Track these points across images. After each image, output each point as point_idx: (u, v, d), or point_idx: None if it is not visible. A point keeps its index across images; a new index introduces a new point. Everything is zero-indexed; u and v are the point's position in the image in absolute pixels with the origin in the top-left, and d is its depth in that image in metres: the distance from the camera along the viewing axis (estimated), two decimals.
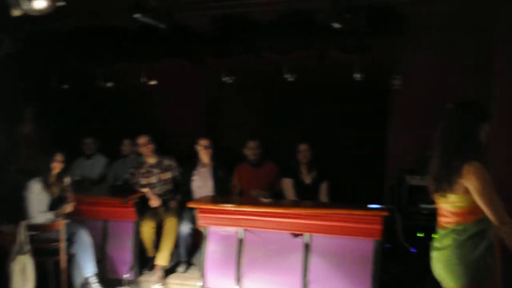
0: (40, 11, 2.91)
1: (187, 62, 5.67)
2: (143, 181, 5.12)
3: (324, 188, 4.95)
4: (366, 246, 4.02)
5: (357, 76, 4.92)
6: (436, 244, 2.63)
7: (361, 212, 3.98)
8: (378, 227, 3.92)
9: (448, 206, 2.55)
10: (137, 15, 3.63)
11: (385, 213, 3.89)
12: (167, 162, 5.23)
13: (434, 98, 4.83)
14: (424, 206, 4.71)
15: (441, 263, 2.56)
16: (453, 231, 2.51)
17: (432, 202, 4.39)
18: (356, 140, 5.39)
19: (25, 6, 2.82)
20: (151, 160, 5.18)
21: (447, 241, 2.52)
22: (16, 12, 2.91)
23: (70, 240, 4.45)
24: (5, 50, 4.44)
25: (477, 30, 4.50)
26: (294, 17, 4.78)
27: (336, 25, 3.61)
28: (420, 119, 5.07)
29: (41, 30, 4.79)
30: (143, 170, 5.17)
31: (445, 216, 2.59)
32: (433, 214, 2.81)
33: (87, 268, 4.50)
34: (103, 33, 5.40)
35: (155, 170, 5.17)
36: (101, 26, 5.22)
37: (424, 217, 4.71)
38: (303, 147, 4.94)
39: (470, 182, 2.39)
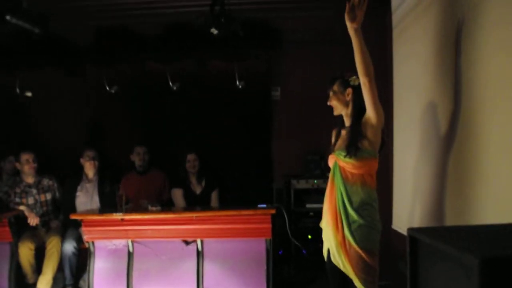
0: None
1: (66, 72, 5.46)
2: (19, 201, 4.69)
3: (214, 196, 4.96)
4: (258, 246, 4.09)
5: (239, 84, 5.10)
6: None
7: (250, 212, 4.06)
8: (268, 225, 4.02)
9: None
10: (8, 17, 3.41)
11: (273, 211, 4.00)
12: (46, 182, 4.87)
13: (311, 107, 5.15)
14: (310, 206, 4.96)
15: None
16: None
17: (317, 201, 4.66)
18: (243, 147, 5.54)
19: None
20: (29, 179, 4.78)
21: None
22: None
23: None
24: None
25: (343, 44, 4.94)
26: (175, 27, 4.93)
27: (214, 31, 3.74)
28: (300, 127, 5.38)
29: None
30: (18, 190, 4.74)
31: None
32: (320, 215, 2.96)
33: None
34: None
35: (33, 191, 4.78)
36: None
37: (312, 219, 4.95)
38: (191, 156, 4.91)
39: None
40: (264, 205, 4.11)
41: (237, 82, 5.05)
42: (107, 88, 5.13)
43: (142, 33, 5.13)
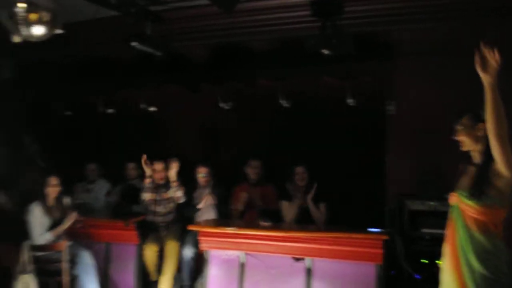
0: (38, 37, 2.99)
1: (185, 89, 5.82)
2: (147, 196, 5.14)
3: (321, 209, 4.91)
4: (368, 270, 3.99)
5: (350, 101, 4.98)
6: None
7: (361, 236, 3.97)
8: (379, 251, 3.89)
9: None
10: (134, 43, 3.76)
11: (385, 237, 3.87)
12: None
13: (429, 123, 4.84)
14: (426, 230, 4.64)
15: None
16: None
17: (433, 226, 4.37)
18: (354, 164, 5.38)
19: (24, 32, 2.92)
20: (160, 181, 5.22)
21: None
22: (16, 39, 3.01)
23: (73, 261, 4.51)
24: (6, 76, 4.59)
25: (467, 53, 4.53)
26: (286, 45, 4.95)
27: (325, 52, 3.69)
28: (416, 144, 5.05)
29: (43, 57, 4.97)
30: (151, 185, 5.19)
31: None
32: (436, 239, 2.76)
33: None
34: (103, 61, 5.62)
35: (163, 189, 5.20)
36: (102, 55, 5.44)
37: (427, 242, 4.64)
38: (299, 169, 4.95)
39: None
40: (376, 230, 3.99)
41: (349, 100, 4.94)
42: (222, 104, 5.37)
43: (253, 50, 5.27)
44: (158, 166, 5.18)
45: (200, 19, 4.50)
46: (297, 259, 4.21)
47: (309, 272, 4.15)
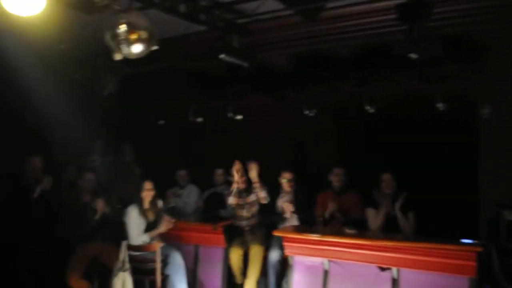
0: (137, 54, 3.28)
1: (270, 98, 5.95)
2: (232, 200, 5.28)
3: (410, 218, 4.72)
4: (459, 283, 3.80)
5: (440, 106, 4.76)
6: None
7: (453, 247, 3.81)
8: (472, 263, 3.70)
9: None
10: (222, 56, 3.93)
11: (479, 249, 3.67)
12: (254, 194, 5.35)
13: None
14: None
15: None
16: None
17: None
18: (444, 171, 5.12)
19: (124, 50, 3.21)
20: (242, 186, 5.34)
21: None
22: (117, 56, 3.31)
23: (165, 262, 4.78)
24: (108, 91, 5.04)
25: None
26: (371, 50, 4.89)
27: (413, 56, 3.57)
28: None
29: (139, 72, 5.36)
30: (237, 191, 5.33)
31: None
32: None
33: None
34: (193, 73, 5.96)
35: (244, 194, 5.33)
36: (191, 67, 5.77)
37: None
38: (386, 176, 4.81)
39: None
40: (469, 241, 3.79)
41: (438, 104, 4.74)
42: (306, 111, 5.41)
43: (337, 56, 5.25)
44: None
45: (284, 28, 4.58)
46: (383, 269, 4.12)
47: (395, 282, 4.05)
